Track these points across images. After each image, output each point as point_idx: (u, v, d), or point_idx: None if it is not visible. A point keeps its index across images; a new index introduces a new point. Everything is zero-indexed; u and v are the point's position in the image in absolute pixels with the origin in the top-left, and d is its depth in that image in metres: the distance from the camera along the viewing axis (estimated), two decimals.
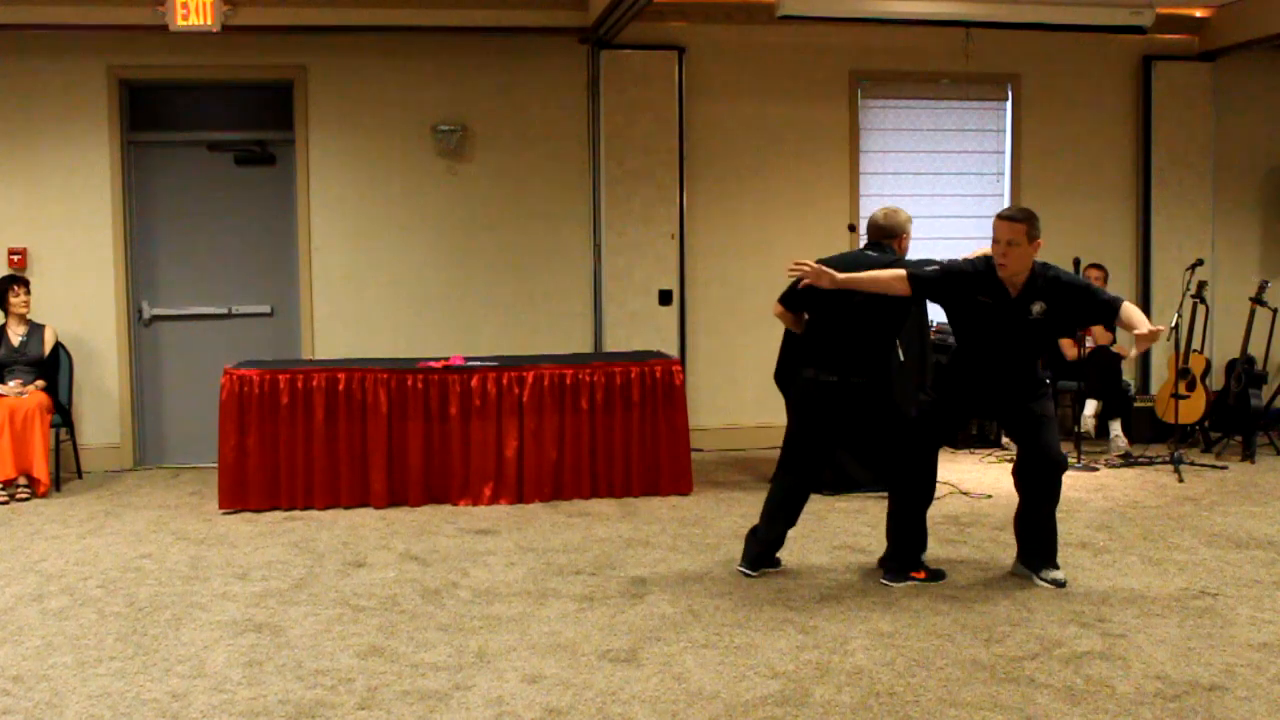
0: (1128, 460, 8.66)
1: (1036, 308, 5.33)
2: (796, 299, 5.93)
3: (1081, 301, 5.36)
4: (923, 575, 5.62)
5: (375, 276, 9.12)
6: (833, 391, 5.67)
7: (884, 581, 5.62)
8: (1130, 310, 5.26)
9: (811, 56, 9.52)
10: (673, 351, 9.12)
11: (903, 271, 5.47)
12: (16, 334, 8.20)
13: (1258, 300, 9.09)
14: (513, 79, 9.17)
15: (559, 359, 7.97)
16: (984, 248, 5.60)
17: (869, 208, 9.61)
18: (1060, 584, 5.50)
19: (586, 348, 9.29)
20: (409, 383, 7.47)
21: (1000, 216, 5.34)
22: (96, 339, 8.82)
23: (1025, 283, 5.34)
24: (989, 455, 8.90)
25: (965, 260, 5.55)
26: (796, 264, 5.47)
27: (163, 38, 8.51)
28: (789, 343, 8.06)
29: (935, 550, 6.04)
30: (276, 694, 4.29)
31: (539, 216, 9.27)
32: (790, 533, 5.95)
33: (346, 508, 7.43)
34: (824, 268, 5.43)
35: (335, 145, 9.02)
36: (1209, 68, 9.97)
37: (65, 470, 8.41)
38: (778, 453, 8.24)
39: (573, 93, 9.25)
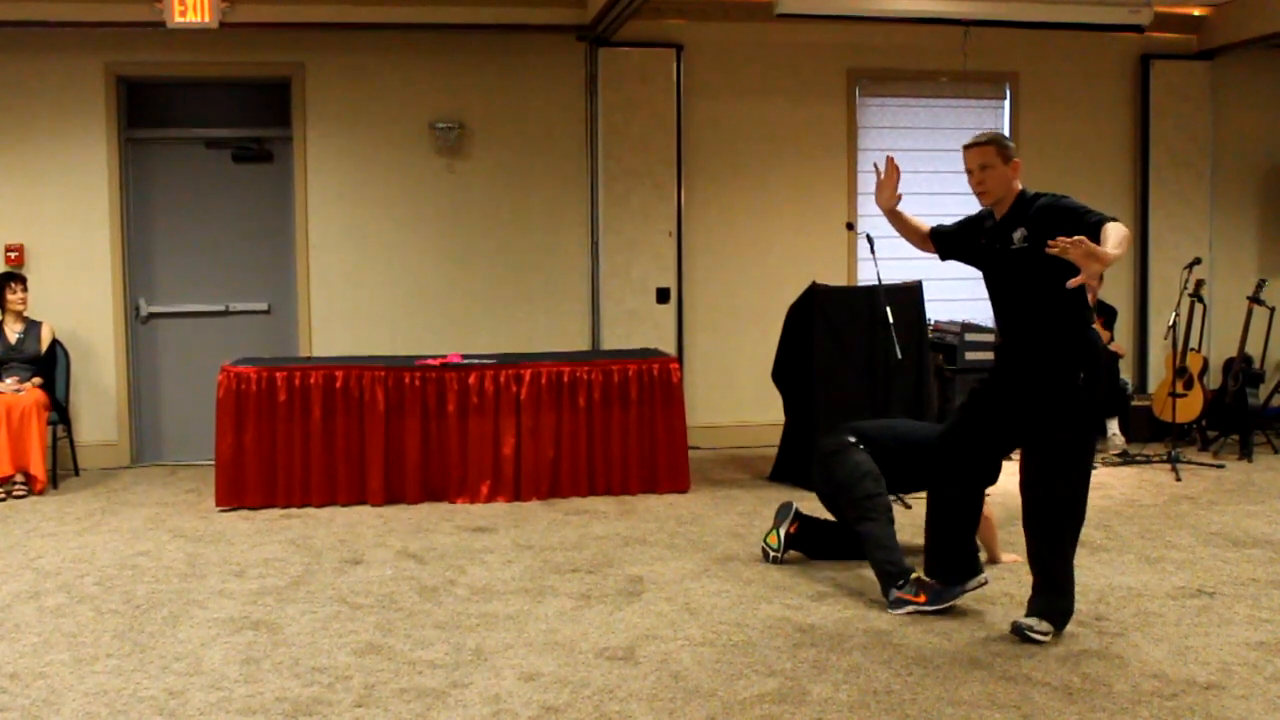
0: (1125, 459, 8.66)
1: (1017, 234, 4.70)
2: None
3: (1066, 224, 4.48)
4: (921, 599, 5.12)
5: (373, 274, 9.11)
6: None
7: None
8: (1111, 231, 4.36)
9: (809, 54, 9.52)
10: (670, 349, 9.12)
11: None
12: (13, 331, 8.19)
13: (1255, 299, 9.09)
14: (511, 77, 9.16)
15: (557, 356, 7.96)
16: None
17: (867, 206, 9.65)
18: (1026, 635, 4.73)
19: (584, 345, 9.29)
20: (406, 380, 7.47)
21: (965, 146, 4.86)
22: (93, 336, 8.81)
23: (1009, 210, 4.79)
24: None
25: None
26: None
27: (160, 34, 8.51)
28: (787, 341, 8.08)
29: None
30: (274, 691, 4.28)
31: (537, 214, 9.26)
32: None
33: (344, 505, 7.42)
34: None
35: (333, 142, 9.02)
36: (1207, 66, 9.97)
37: (62, 467, 8.41)
38: (775, 450, 8.32)
39: (571, 90, 9.24)
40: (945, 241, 5.18)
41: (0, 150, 8.68)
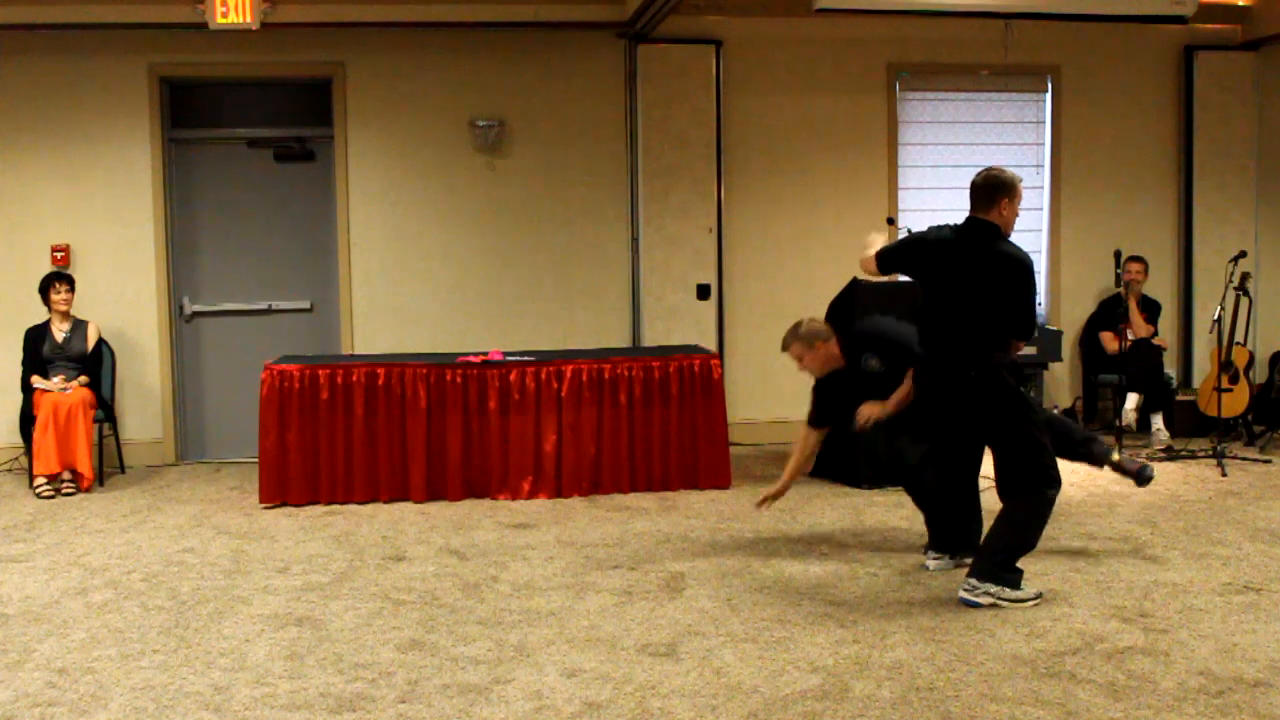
0: (1170, 454, 8.59)
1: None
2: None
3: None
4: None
5: (414, 272, 9.16)
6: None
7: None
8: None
9: (849, 49, 9.48)
10: (711, 345, 9.11)
11: None
12: (60, 330, 8.28)
13: None
14: (551, 74, 9.18)
15: (597, 353, 7.98)
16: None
17: (908, 201, 9.62)
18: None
19: (625, 342, 9.30)
20: (448, 377, 7.50)
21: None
22: (138, 335, 8.90)
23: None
24: None
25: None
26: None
27: (202, 36, 8.57)
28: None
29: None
30: (317, 687, 4.32)
31: (577, 211, 9.28)
32: (829, 527, 5.93)
33: (386, 502, 7.46)
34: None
35: (374, 141, 9.07)
36: (1252, 57, 9.85)
37: (108, 465, 8.50)
38: None
39: (610, 87, 9.25)
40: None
41: (46, 152, 8.79)
